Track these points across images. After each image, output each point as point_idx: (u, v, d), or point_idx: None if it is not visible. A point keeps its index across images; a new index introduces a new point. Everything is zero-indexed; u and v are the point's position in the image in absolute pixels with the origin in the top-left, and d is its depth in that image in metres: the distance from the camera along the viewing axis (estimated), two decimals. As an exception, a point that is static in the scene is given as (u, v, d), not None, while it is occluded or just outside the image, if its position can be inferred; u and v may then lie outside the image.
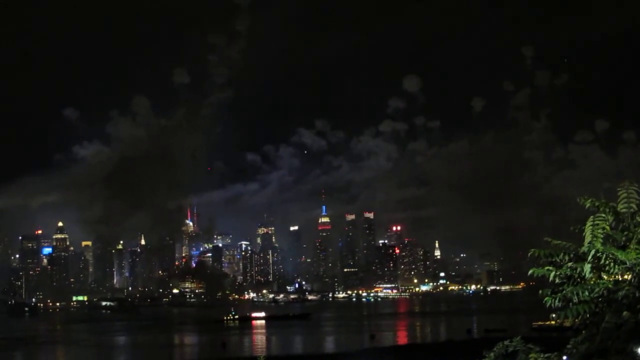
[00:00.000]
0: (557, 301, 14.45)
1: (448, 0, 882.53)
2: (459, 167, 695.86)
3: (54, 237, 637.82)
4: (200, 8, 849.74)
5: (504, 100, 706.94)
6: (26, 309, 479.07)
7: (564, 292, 14.31)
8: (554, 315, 15.64)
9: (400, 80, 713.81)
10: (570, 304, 14.41)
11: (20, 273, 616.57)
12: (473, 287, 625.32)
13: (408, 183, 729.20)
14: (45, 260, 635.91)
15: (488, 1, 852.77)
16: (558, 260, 14.60)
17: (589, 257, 13.97)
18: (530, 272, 14.77)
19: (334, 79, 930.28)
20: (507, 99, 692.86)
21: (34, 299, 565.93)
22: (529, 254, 15.08)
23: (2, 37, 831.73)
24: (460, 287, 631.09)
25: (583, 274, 14.17)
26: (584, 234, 14.39)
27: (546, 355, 18.41)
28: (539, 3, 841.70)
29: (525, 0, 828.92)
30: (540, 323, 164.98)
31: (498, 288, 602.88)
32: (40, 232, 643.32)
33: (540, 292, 14.84)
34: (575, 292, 14.21)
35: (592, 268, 14.13)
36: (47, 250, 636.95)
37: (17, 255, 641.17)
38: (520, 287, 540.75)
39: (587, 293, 14.25)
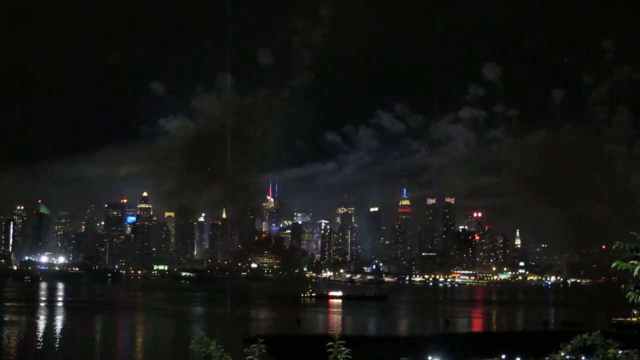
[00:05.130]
0: (640, 297, 14.06)
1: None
2: (536, 157, 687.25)
3: (138, 206, 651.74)
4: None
5: (584, 92, 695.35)
6: (109, 275, 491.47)
7: (648, 288, 13.91)
8: (635, 312, 15.12)
9: (480, 68, 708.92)
10: (654, 301, 14.01)
11: (105, 240, 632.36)
12: (553, 278, 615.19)
13: (485, 170, 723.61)
14: (129, 229, 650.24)
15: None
16: (644, 255, 14.17)
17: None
18: (613, 265, 14.37)
19: (414, 63, 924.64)
20: (588, 92, 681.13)
21: (116, 266, 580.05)
22: (614, 247, 14.66)
23: (92, 12, 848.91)
24: (539, 277, 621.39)
25: (669, 271, 13.74)
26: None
27: (625, 351, 18.01)
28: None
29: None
30: (620, 319, 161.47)
31: (578, 281, 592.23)
32: (125, 201, 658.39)
33: (622, 287, 14.46)
34: (659, 289, 13.81)
35: (678, 265, 13.68)
36: (131, 219, 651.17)
37: (103, 223, 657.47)
38: (601, 280, 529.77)
39: (671, 291, 13.83)
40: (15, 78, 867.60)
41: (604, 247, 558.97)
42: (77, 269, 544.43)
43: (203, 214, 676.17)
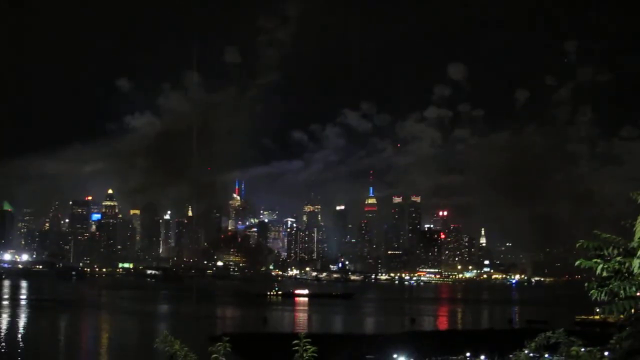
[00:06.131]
0: (603, 295, 14.23)
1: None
2: (500, 157, 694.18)
3: (104, 203, 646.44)
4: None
5: (548, 93, 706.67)
6: (73, 273, 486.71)
7: (611, 286, 14.08)
8: (598, 310, 15.35)
9: (446, 68, 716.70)
10: (617, 298, 14.19)
11: (69, 237, 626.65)
12: (517, 276, 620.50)
13: (451, 170, 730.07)
14: (94, 226, 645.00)
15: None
16: (606, 253, 14.36)
17: (639, 252, 13.72)
18: (577, 263, 14.54)
19: (381, 63, 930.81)
20: (551, 92, 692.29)
21: (81, 264, 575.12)
22: (577, 246, 14.84)
23: (59, 7, 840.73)
24: (503, 276, 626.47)
25: (631, 269, 13.93)
26: (634, 228, 14.12)
27: (588, 349, 18.19)
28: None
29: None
30: (583, 317, 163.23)
31: (542, 279, 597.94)
32: (90, 198, 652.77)
33: (586, 284, 14.63)
34: (622, 287, 13.98)
35: (641, 264, 13.86)
36: (96, 216, 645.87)
37: (67, 220, 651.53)
38: (564, 279, 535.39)
39: (634, 289, 14.02)
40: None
41: (559, 246, 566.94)
42: (40, 267, 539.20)
43: (169, 212, 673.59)
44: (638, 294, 14.23)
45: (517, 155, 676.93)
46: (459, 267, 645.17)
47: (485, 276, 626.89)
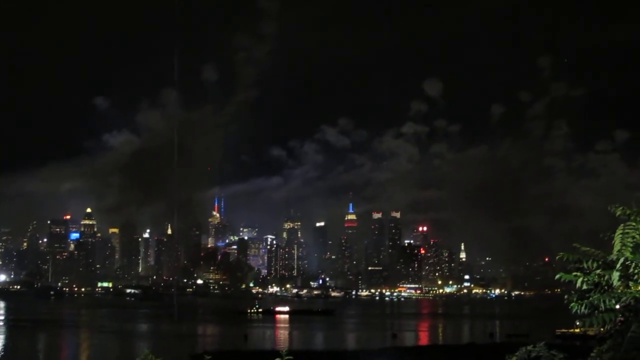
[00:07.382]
0: (583, 308, 14.29)
1: (470, 8, 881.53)
2: (477, 171, 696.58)
3: (82, 222, 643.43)
4: (229, 10, 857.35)
5: (523, 107, 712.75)
6: (52, 292, 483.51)
7: (591, 299, 14.14)
8: (579, 323, 15.38)
9: (422, 84, 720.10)
10: (597, 311, 14.24)
11: (48, 257, 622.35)
12: (497, 291, 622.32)
13: (428, 185, 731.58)
14: (72, 245, 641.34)
15: (509, 10, 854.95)
16: (586, 266, 14.42)
17: (618, 265, 13.78)
18: (557, 276, 14.59)
19: (357, 79, 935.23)
20: (526, 107, 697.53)
21: (60, 283, 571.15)
22: (557, 259, 14.90)
23: (36, 26, 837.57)
24: (484, 290, 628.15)
25: (611, 282, 13.99)
26: (613, 241, 14.20)
27: (569, 362, 18.21)
28: (559, 13, 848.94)
29: (546, 10, 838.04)
30: (563, 330, 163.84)
31: (522, 293, 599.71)
32: (68, 217, 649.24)
33: (566, 297, 14.69)
34: (602, 300, 14.04)
35: (620, 276, 13.93)
36: (75, 235, 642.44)
37: (45, 239, 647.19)
38: (545, 292, 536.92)
39: (614, 301, 14.07)
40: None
41: (547, 259, 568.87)
42: (19, 286, 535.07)
43: (148, 230, 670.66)
44: (618, 306, 14.29)
45: (494, 169, 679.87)
46: (440, 282, 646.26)
47: (465, 291, 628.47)
